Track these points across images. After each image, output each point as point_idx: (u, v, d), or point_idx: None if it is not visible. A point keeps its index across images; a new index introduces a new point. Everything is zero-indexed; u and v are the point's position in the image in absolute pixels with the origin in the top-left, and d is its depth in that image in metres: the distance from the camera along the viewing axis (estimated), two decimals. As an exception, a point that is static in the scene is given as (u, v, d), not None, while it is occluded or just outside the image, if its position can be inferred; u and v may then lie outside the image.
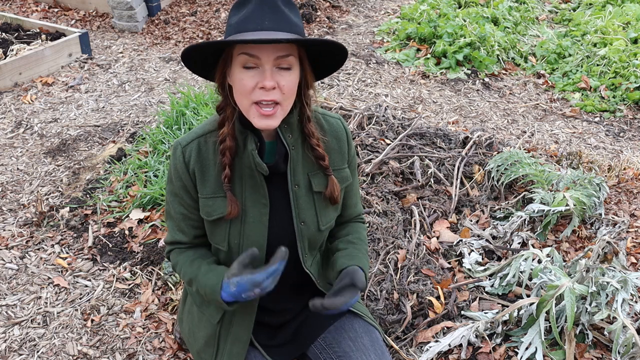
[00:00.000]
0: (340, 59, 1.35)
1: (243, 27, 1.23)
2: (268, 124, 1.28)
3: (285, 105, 1.29)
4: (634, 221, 2.62)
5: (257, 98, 1.25)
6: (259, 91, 1.24)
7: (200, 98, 3.37)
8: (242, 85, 1.26)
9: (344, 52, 1.31)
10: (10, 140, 3.45)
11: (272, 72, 1.24)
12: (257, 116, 1.27)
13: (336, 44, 1.27)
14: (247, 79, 1.24)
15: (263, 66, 1.24)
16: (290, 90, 1.28)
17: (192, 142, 1.41)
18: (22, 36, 4.57)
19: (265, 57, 1.23)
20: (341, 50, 1.30)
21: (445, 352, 1.98)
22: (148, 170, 2.92)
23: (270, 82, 1.23)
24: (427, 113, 3.89)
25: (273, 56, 1.23)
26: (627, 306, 1.94)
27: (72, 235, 2.63)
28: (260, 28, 1.22)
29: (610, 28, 4.87)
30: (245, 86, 1.25)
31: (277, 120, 1.29)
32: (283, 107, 1.29)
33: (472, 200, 2.75)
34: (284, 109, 1.29)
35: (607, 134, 3.78)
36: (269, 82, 1.23)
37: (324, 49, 1.31)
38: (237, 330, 1.50)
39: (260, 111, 1.26)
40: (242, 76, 1.25)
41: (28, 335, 2.13)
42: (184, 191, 1.42)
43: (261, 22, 1.22)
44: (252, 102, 1.26)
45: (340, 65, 1.37)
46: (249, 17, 1.23)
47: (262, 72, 1.24)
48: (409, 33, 4.95)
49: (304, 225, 1.44)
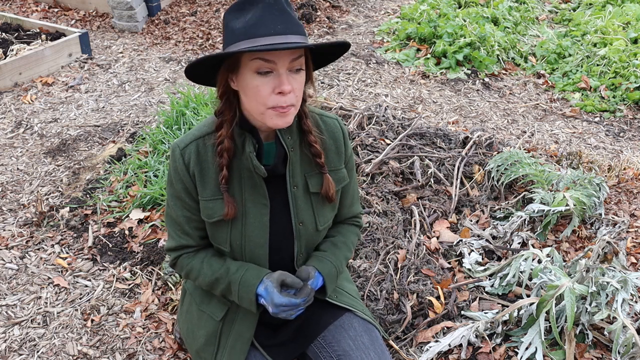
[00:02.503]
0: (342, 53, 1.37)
1: (254, 32, 1.21)
2: (286, 121, 1.29)
3: (297, 106, 1.31)
4: (634, 221, 2.62)
5: (274, 103, 1.25)
6: (276, 97, 1.24)
7: (200, 98, 3.37)
8: (257, 92, 1.24)
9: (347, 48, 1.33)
10: (10, 140, 3.45)
11: (287, 76, 1.24)
12: (275, 116, 1.27)
13: (346, 45, 1.30)
14: (263, 85, 1.23)
15: (278, 71, 1.23)
16: (301, 91, 1.30)
17: (190, 144, 1.40)
18: (22, 36, 4.57)
19: (280, 62, 1.22)
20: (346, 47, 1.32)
21: (445, 352, 1.98)
22: (148, 170, 2.92)
23: (288, 87, 1.23)
24: (427, 113, 3.89)
25: (288, 60, 1.23)
26: (627, 306, 1.94)
27: (72, 235, 2.63)
28: (274, 32, 1.20)
29: (610, 28, 4.87)
30: (261, 92, 1.24)
31: (292, 117, 1.30)
32: (296, 107, 1.30)
33: (472, 200, 2.75)
34: (296, 108, 1.31)
35: (607, 134, 3.78)
36: (287, 86, 1.23)
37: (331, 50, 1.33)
38: (240, 328, 1.51)
39: (279, 111, 1.26)
40: (256, 83, 1.24)
41: (28, 335, 2.13)
42: (186, 193, 1.42)
43: (274, 26, 1.21)
44: (267, 108, 1.26)
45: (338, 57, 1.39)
46: (259, 21, 1.21)
47: (277, 77, 1.23)
48: (409, 33, 4.95)
49: (302, 226, 1.45)
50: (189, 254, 1.49)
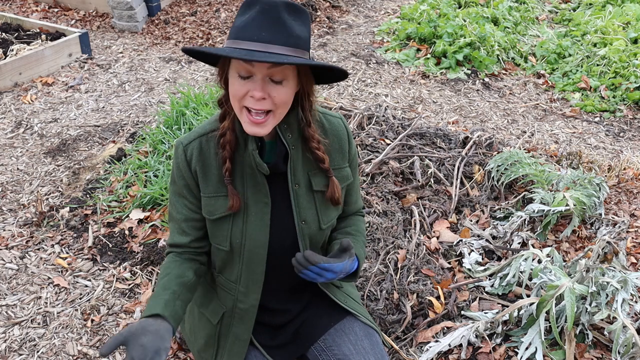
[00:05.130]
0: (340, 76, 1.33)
1: (240, 34, 1.22)
2: (256, 132, 1.28)
3: (277, 113, 1.29)
4: (634, 221, 2.62)
5: (247, 104, 1.26)
6: (249, 99, 1.25)
7: (200, 98, 3.37)
8: (233, 90, 1.27)
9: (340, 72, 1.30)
10: (10, 140, 3.45)
11: (263, 83, 1.23)
12: (247, 122, 1.28)
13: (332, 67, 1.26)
14: (239, 86, 1.25)
15: (255, 76, 1.23)
16: (282, 101, 1.27)
17: (193, 141, 1.41)
18: (22, 36, 4.57)
19: (257, 69, 1.22)
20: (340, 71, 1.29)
21: (445, 352, 1.98)
22: (148, 170, 2.92)
23: (259, 93, 1.23)
24: (427, 113, 3.89)
25: (265, 68, 1.22)
26: (627, 306, 1.94)
27: (72, 235, 2.63)
28: (256, 39, 1.19)
29: (610, 28, 4.87)
30: (237, 92, 1.26)
31: (267, 128, 1.29)
32: (275, 115, 1.29)
33: (472, 200, 2.75)
34: (277, 116, 1.29)
35: (607, 134, 3.78)
36: (258, 92, 1.23)
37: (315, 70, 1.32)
38: (237, 330, 1.50)
39: (250, 118, 1.26)
40: (234, 82, 1.26)
41: (28, 335, 2.13)
42: (187, 190, 1.42)
43: (258, 32, 1.20)
44: (242, 106, 1.27)
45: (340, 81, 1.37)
46: (248, 24, 1.21)
47: (253, 82, 1.24)
48: (409, 33, 4.95)
49: (304, 224, 1.44)
50: (175, 253, 1.48)
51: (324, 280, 1.35)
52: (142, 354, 1.16)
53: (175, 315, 1.31)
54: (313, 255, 1.31)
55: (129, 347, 1.17)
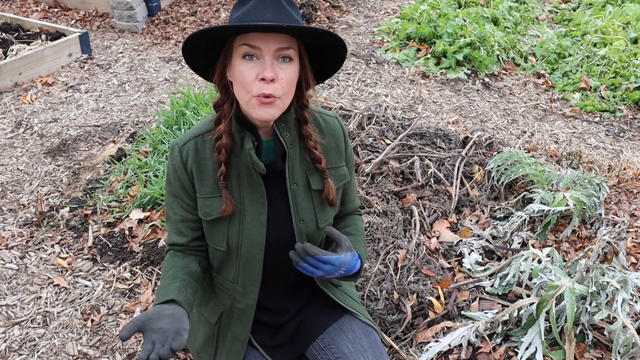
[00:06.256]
0: (341, 55, 1.34)
1: (245, 18, 1.24)
2: (268, 112, 1.27)
3: (284, 100, 1.29)
4: (634, 221, 2.62)
5: (257, 92, 1.25)
6: (259, 84, 1.24)
7: (200, 98, 3.37)
8: (242, 77, 1.26)
9: (343, 47, 1.31)
10: (10, 140, 3.45)
11: (272, 63, 1.24)
12: (258, 105, 1.26)
13: (335, 36, 1.27)
14: (247, 71, 1.24)
15: (263, 57, 1.24)
16: (289, 83, 1.27)
17: (189, 141, 1.41)
18: (22, 36, 4.57)
19: (265, 48, 1.23)
20: (340, 44, 1.30)
21: (445, 352, 1.98)
22: (148, 170, 2.92)
23: (269, 73, 1.23)
24: (427, 113, 3.89)
25: (273, 47, 1.23)
26: (627, 306, 1.94)
27: (72, 235, 2.63)
28: (262, 20, 1.22)
29: (610, 28, 4.87)
30: (245, 77, 1.25)
31: (277, 110, 1.28)
32: (282, 101, 1.29)
33: (472, 200, 2.75)
34: (283, 102, 1.29)
35: (607, 134, 3.78)
36: (269, 72, 1.23)
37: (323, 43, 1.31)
38: (235, 330, 1.50)
39: (259, 99, 1.25)
40: (242, 68, 1.25)
41: (28, 335, 2.13)
42: (183, 191, 1.42)
43: (263, 14, 1.23)
44: (252, 97, 1.26)
45: (340, 64, 1.37)
46: (251, 10, 1.24)
47: (262, 64, 1.24)
48: (409, 33, 4.95)
49: (302, 224, 1.44)
50: (174, 251, 1.49)
51: (322, 274, 1.35)
52: (162, 336, 1.15)
53: (188, 301, 1.32)
54: (312, 247, 1.32)
55: (146, 333, 1.17)
